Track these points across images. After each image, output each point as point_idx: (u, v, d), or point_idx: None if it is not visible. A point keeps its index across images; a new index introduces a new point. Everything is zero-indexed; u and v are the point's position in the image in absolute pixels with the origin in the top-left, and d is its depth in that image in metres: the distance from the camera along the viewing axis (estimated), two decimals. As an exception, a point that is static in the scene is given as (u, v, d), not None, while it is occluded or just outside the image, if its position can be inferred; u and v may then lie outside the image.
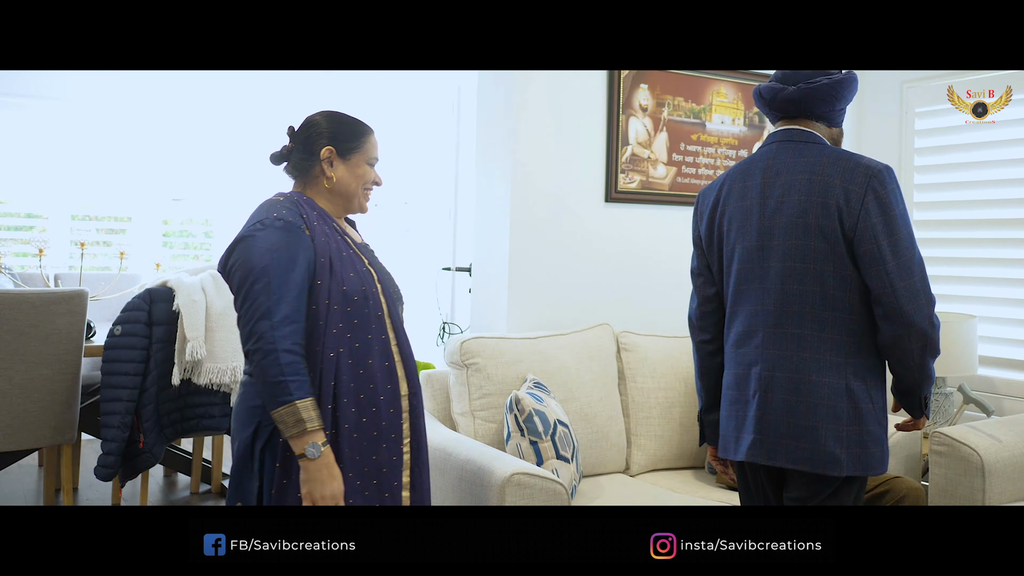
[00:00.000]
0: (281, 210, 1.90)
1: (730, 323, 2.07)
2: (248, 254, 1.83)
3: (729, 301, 2.08)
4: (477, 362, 2.84)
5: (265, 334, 1.77)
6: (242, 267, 1.83)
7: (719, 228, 2.09)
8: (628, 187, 3.47)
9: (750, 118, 3.76)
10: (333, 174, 1.99)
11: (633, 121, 3.47)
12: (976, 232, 3.69)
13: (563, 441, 2.58)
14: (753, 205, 2.03)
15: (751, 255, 2.02)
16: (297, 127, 2.04)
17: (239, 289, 1.83)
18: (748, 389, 2.00)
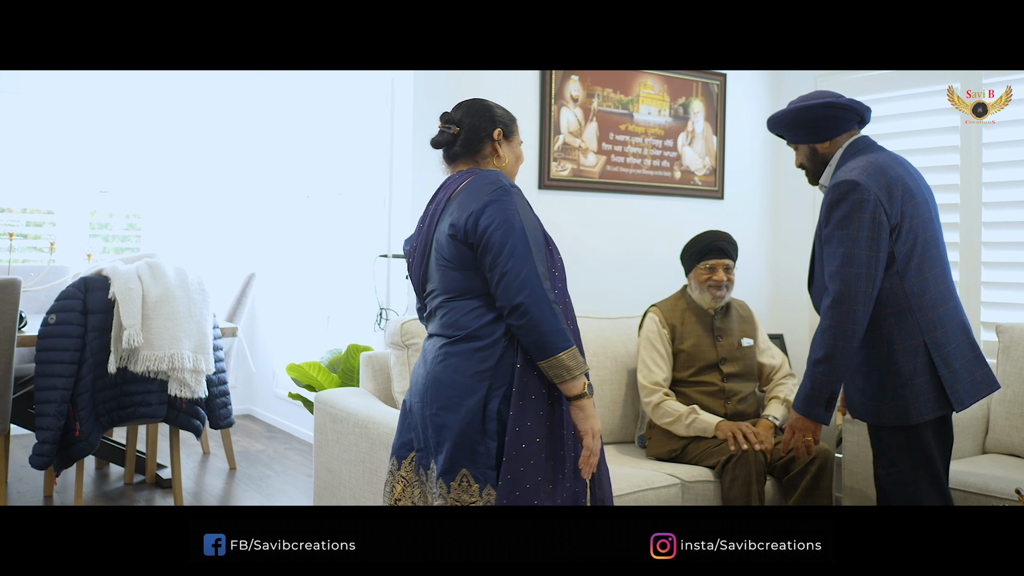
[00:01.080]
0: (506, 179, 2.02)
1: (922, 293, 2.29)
2: (506, 215, 1.92)
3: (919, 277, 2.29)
4: (417, 342, 2.92)
5: (536, 287, 1.88)
6: (502, 226, 1.91)
7: (905, 213, 2.29)
8: (560, 175, 3.60)
9: (675, 109, 3.93)
10: (504, 154, 2.12)
11: (565, 111, 3.60)
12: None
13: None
14: (921, 196, 2.37)
15: (937, 239, 2.39)
16: (454, 113, 2.15)
17: (502, 246, 1.90)
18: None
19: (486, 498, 1.92)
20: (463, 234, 1.95)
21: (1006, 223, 3.54)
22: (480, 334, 1.95)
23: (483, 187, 1.98)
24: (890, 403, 2.26)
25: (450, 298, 2.01)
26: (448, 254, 1.98)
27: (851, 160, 2.34)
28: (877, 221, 2.22)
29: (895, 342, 2.27)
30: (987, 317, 3.55)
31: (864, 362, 2.32)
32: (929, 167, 3.74)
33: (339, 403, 2.88)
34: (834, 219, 2.25)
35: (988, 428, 3.21)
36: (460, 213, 1.97)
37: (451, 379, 1.95)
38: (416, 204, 3.53)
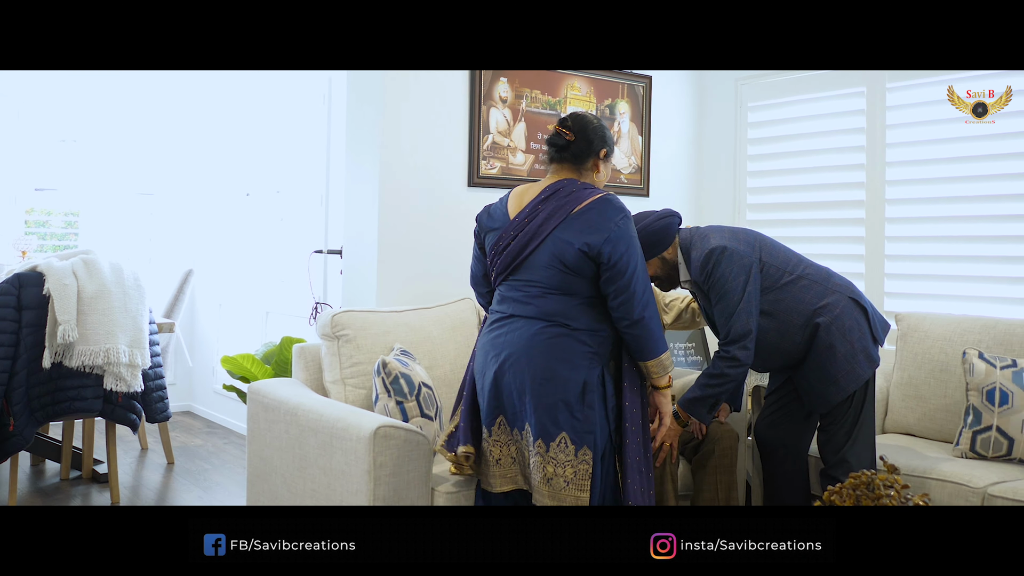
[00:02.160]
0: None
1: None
2: (632, 242, 2.35)
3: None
4: (347, 333, 3.04)
5: (652, 304, 2.36)
6: (629, 252, 2.32)
7: (755, 248, 2.83)
8: (489, 173, 3.74)
9: (601, 110, 4.09)
10: (603, 171, 2.49)
11: (494, 112, 3.74)
12: (806, 213, 4.15)
13: (427, 401, 2.82)
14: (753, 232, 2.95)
15: (782, 249, 2.93)
16: (572, 123, 2.45)
17: (631, 272, 2.32)
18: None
19: (581, 457, 2.29)
20: (595, 253, 2.31)
21: (908, 218, 3.77)
22: (591, 327, 2.35)
23: (612, 212, 2.34)
24: (845, 376, 2.73)
25: (555, 293, 2.36)
26: (572, 263, 2.33)
27: (696, 243, 2.78)
28: (746, 268, 2.70)
29: (820, 334, 2.73)
30: (889, 306, 3.79)
31: (813, 367, 2.77)
32: (836, 166, 3.98)
33: (271, 392, 2.98)
34: (717, 279, 2.71)
35: (887, 410, 3.43)
36: (594, 235, 2.31)
37: (560, 356, 2.32)
38: (353, 200, 3.64)
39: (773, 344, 2.79)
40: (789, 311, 2.76)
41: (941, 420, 3.24)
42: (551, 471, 2.29)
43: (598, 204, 2.35)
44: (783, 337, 2.78)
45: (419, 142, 3.54)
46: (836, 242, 4.02)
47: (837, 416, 2.80)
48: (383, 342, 3.08)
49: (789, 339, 2.78)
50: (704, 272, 2.73)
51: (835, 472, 2.75)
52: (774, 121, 4.26)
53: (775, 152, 4.26)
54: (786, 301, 2.77)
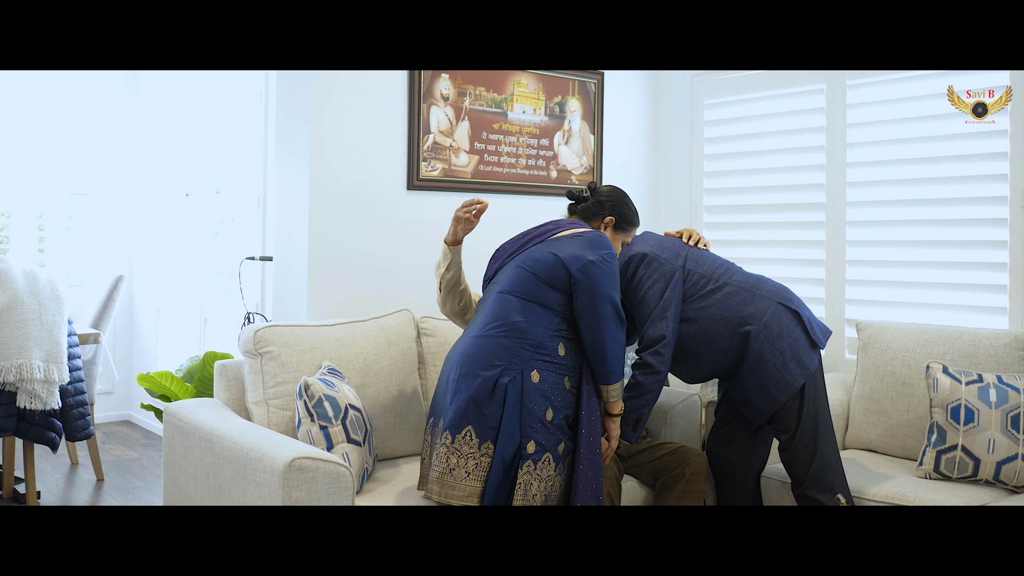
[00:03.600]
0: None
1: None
2: (610, 273, 2.44)
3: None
4: (271, 350, 2.81)
5: (616, 335, 2.43)
6: (605, 278, 2.41)
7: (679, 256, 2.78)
8: (430, 175, 3.52)
9: (551, 108, 3.89)
10: (609, 238, 2.65)
11: (435, 110, 3.52)
12: (764, 216, 3.98)
13: (355, 425, 2.61)
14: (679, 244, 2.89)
15: (707, 257, 2.86)
16: (597, 187, 2.75)
17: (605, 294, 2.39)
18: None
19: (484, 451, 2.32)
20: (572, 268, 2.40)
21: (870, 222, 3.61)
22: (541, 338, 2.40)
23: (602, 245, 2.47)
24: (776, 384, 2.62)
25: (518, 296, 2.44)
26: (545, 272, 2.43)
27: (623, 252, 2.75)
28: (666, 275, 2.67)
29: (751, 344, 2.63)
30: (850, 314, 3.63)
31: (745, 377, 2.66)
32: (795, 167, 3.81)
33: (186, 415, 2.75)
34: (635, 285, 2.68)
35: (847, 424, 3.27)
36: (577, 252, 2.42)
37: (484, 356, 2.38)
38: (284, 204, 3.40)
39: (699, 353, 2.69)
40: (713, 318, 2.66)
41: (904, 436, 3.08)
42: (454, 462, 2.33)
43: (592, 235, 2.51)
44: (709, 345, 2.67)
45: (354, 142, 3.32)
46: (795, 246, 3.85)
47: (784, 428, 2.67)
48: (310, 359, 2.86)
49: (715, 347, 2.67)
50: (624, 279, 2.69)
51: (812, 492, 2.62)
52: (731, 119, 4.09)
53: (733, 152, 4.08)
54: (710, 308, 2.67)
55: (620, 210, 2.71)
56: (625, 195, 2.76)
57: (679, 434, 3.19)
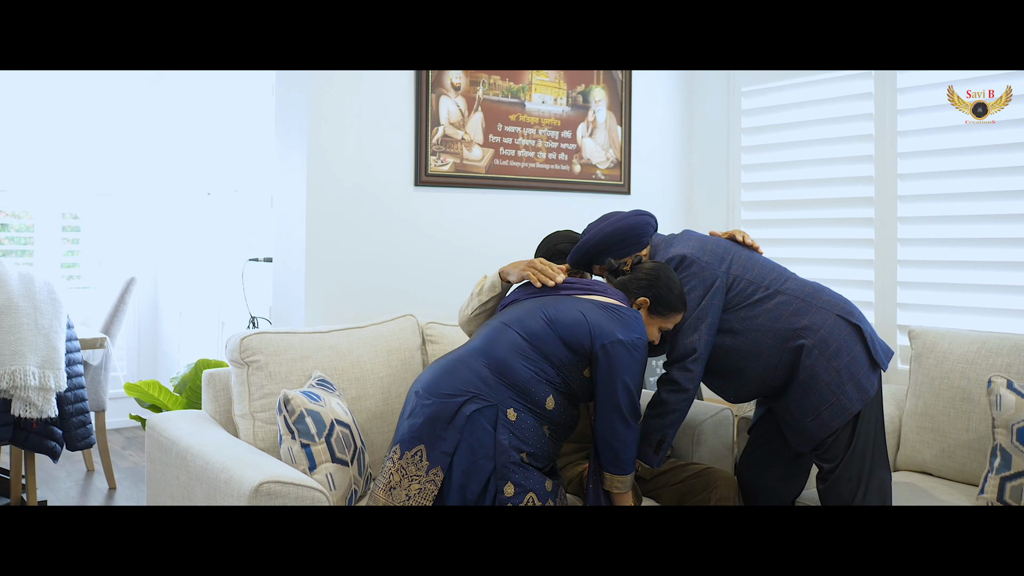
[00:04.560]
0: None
1: None
2: (635, 361, 2.22)
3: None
4: (258, 359, 2.60)
5: (626, 430, 2.24)
6: (626, 364, 2.20)
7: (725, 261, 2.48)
8: (440, 170, 3.28)
9: (573, 98, 3.62)
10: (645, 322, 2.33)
11: (445, 100, 3.28)
12: (807, 212, 3.66)
13: (341, 443, 2.38)
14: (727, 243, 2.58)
15: (759, 260, 2.55)
16: (638, 262, 2.39)
17: (620, 382, 2.20)
18: None
19: (431, 476, 2.10)
20: (595, 339, 2.19)
21: (923, 218, 3.27)
22: (523, 388, 2.18)
23: (636, 327, 2.23)
24: (829, 409, 2.31)
25: (519, 333, 2.21)
26: (565, 328, 2.20)
27: (659, 251, 2.48)
28: (706, 281, 2.37)
29: (803, 360, 2.33)
30: (903, 320, 3.29)
31: (793, 397, 2.36)
32: (841, 158, 3.49)
33: (166, 429, 2.55)
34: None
35: (899, 443, 2.94)
36: (608, 324, 2.20)
37: (455, 380, 2.18)
38: (282, 201, 3.20)
39: (744, 368, 2.38)
40: (761, 330, 2.36)
41: (963, 458, 2.74)
42: (396, 480, 2.12)
43: (630, 314, 2.26)
44: (755, 361, 2.37)
45: (356, 135, 3.09)
46: (842, 244, 3.52)
47: (830, 458, 2.35)
48: (300, 369, 2.64)
49: (762, 363, 2.36)
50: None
51: None
52: (771, 107, 3.77)
53: (773, 142, 3.76)
54: (759, 319, 2.36)
55: (656, 291, 2.32)
56: (668, 275, 2.35)
57: (707, 453, 2.89)
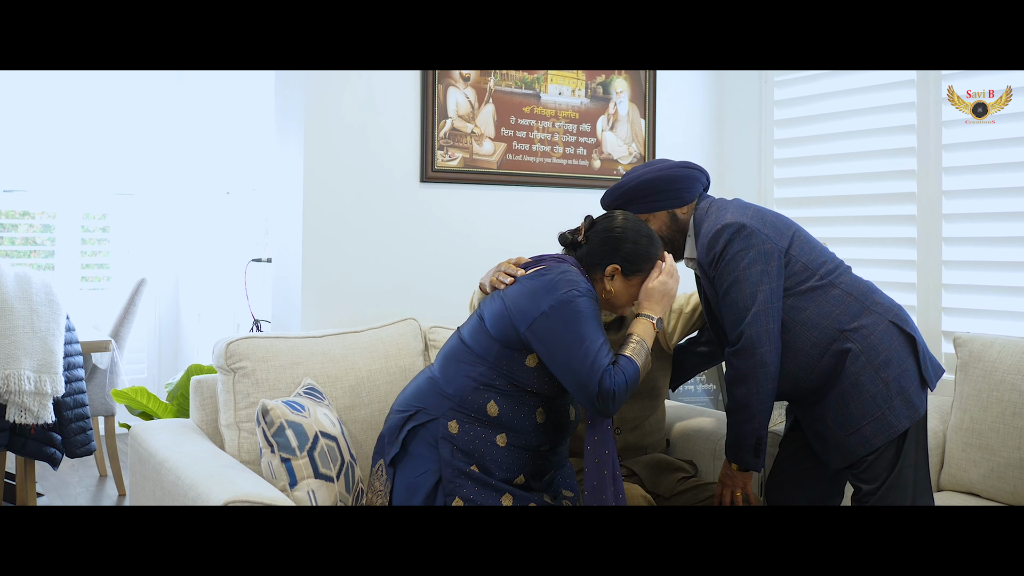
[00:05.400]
0: (584, 282, 2.05)
1: None
2: (578, 315, 1.96)
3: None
4: (245, 366, 2.44)
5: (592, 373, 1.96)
6: (581, 322, 1.97)
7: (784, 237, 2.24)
8: (448, 165, 3.10)
9: (593, 89, 3.42)
10: (612, 288, 2.13)
11: (453, 92, 3.10)
12: (844, 209, 3.41)
13: (326, 457, 2.20)
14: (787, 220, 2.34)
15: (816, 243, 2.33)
16: (598, 223, 2.16)
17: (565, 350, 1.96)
18: None
19: (386, 488, 2.11)
20: (513, 327, 2.01)
21: (970, 215, 3.01)
22: (460, 399, 2.07)
23: (555, 286, 1.99)
24: (872, 424, 2.08)
25: (460, 341, 2.13)
26: (493, 324, 2.05)
27: (710, 215, 2.24)
28: (767, 255, 2.12)
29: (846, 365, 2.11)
30: (948, 326, 3.02)
31: (832, 406, 2.14)
32: (881, 151, 3.25)
33: (146, 439, 2.40)
34: (727, 263, 2.13)
35: (943, 461, 2.69)
36: (526, 302, 2.00)
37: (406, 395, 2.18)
38: (278, 199, 3.05)
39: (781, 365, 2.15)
40: (809, 325, 2.13)
41: (1014, 479, 2.48)
42: (368, 495, 2.19)
43: (555, 269, 2.03)
44: (792, 356, 2.14)
45: (357, 128, 2.92)
46: (882, 244, 3.26)
47: (870, 478, 2.11)
48: (290, 376, 2.48)
49: (799, 361, 2.14)
50: (711, 253, 2.16)
51: None
52: (806, 97, 3.52)
53: (808, 135, 3.51)
54: (808, 311, 2.13)
55: (623, 253, 2.10)
56: (629, 227, 2.13)
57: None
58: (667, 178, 2.26)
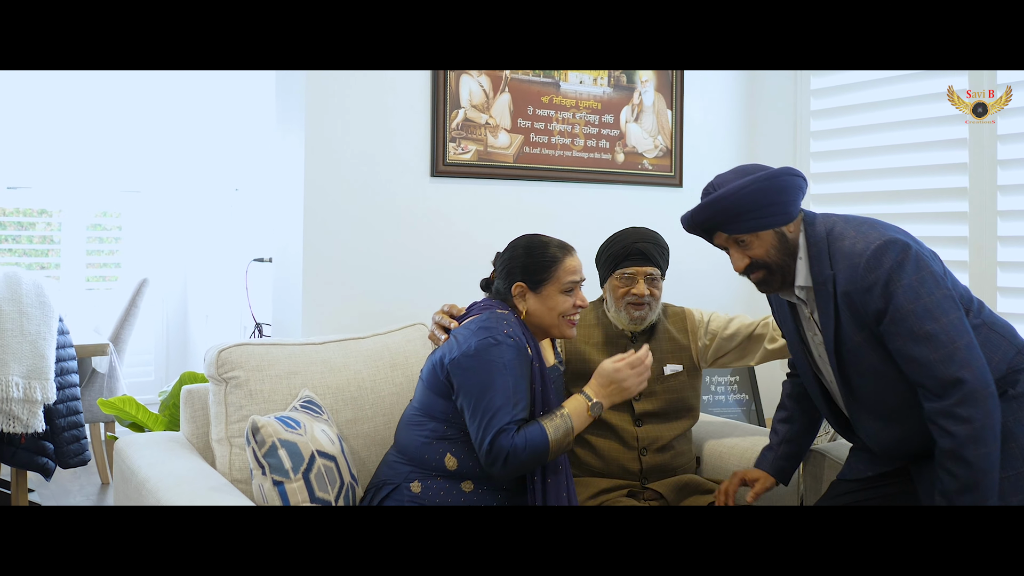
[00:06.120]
0: (511, 327, 1.96)
1: None
2: (490, 362, 1.91)
3: None
4: (237, 375, 2.24)
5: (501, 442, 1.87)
6: (476, 373, 1.92)
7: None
8: (460, 158, 2.89)
9: (616, 77, 3.20)
10: (526, 308, 2.06)
11: (466, 80, 2.89)
12: (888, 206, 3.17)
13: (323, 479, 2.00)
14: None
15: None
16: (503, 252, 2.12)
17: (478, 392, 1.91)
18: None
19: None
20: (446, 381, 1.98)
21: (1029, 213, 2.77)
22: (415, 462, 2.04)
23: (477, 332, 1.95)
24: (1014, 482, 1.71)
25: (415, 409, 2.09)
26: (430, 380, 2.04)
27: (845, 232, 1.82)
28: (939, 281, 1.73)
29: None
30: (1004, 333, 2.78)
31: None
32: (928, 143, 3.01)
33: (130, 455, 2.21)
34: (905, 289, 1.70)
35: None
36: (450, 349, 1.98)
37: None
38: (279, 196, 2.85)
39: (901, 413, 1.83)
40: None
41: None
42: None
43: (480, 318, 2.00)
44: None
45: (362, 118, 2.72)
46: (930, 244, 3.00)
47: None
48: (286, 387, 2.27)
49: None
50: (871, 276, 1.73)
51: None
52: (845, 86, 3.28)
53: (848, 127, 3.28)
54: None
55: (523, 264, 2.03)
56: (519, 243, 2.07)
57: (762, 502, 2.42)
58: (776, 188, 1.82)
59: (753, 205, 1.82)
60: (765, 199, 1.82)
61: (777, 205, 1.83)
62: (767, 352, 2.37)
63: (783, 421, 2.21)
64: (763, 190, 1.81)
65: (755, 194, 1.81)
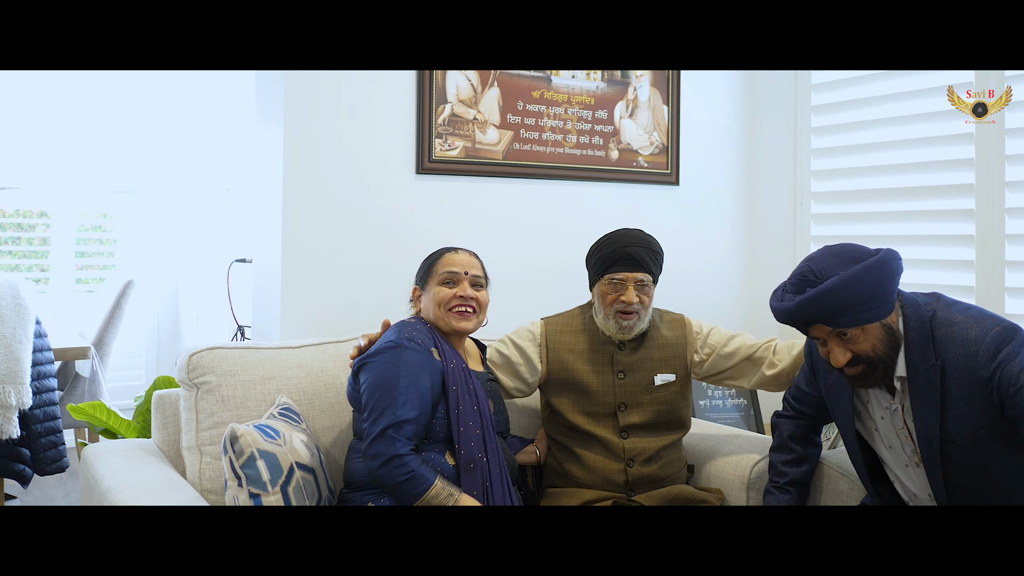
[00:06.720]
0: (415, 332, 2.01)
1: None
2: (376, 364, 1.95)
3: None
4: (209, 380, 2.15)
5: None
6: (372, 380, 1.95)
7: None
8: (447, 155, 2.79)
9: (610, 72, 3.09)
10: (420, 307, 2.15)
11: (453, 74, 2.79)
12: (892, 204, 3.06)
13: (301, 491, 1.90)
14: None
15: None
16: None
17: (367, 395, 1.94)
18: None
19: None
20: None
21: (1038, 210, 2.66)
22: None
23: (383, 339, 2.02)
24: None
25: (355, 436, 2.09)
26: (352, 401, 2.08)
27: (951, 317, 1.71)
28: None
29: None
30: (1012, 336, 2.67)
31: None
32: (934, 137, 2.91)
33: (95, 463, 2.11)
34: (1018, 376, 1.59)
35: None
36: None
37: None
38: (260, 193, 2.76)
39: (1013, 494, 1.72)
40: None
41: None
42: None
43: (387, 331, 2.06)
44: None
45: (344, 113, 2.63)
46: (935, 243, 2.92)
47: None
48: (260, 392, 2.18)
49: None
50: (993, 362, 1.63)
51: None
52: (847, 80, 3.18)
53: (850, 122, 3.17)
54: None
55: (419, 271, 2.19)
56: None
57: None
58: (887, 276, 1.69)
59: (866, 296, 1.67)
60: (878, 288, 1.68)
61: (886, 295, 1.70)
62: (763, 377, 2.25)
63: (792, 464, 2.11)
64: (877, 279, 1.67)
65: (868, 284, 1.66)
